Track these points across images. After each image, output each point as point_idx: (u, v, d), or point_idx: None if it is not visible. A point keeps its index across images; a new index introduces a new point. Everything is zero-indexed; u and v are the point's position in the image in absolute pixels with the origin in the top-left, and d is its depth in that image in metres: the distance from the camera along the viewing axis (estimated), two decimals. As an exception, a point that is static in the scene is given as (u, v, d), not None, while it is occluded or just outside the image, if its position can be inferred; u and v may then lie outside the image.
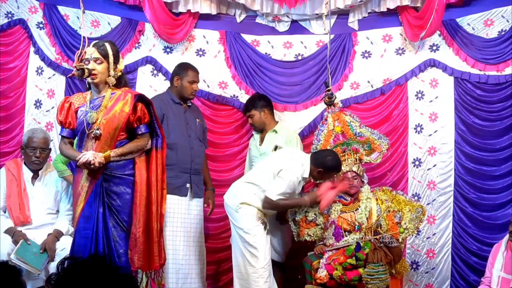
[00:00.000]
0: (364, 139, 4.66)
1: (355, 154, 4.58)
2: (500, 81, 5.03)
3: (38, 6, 5.32)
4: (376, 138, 4.67)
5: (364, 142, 4.64)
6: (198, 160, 4.74)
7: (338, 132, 4.75)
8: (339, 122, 4.75)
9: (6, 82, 5.28)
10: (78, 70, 3.65)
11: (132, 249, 3.64)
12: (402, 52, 5.30)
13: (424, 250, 5.16)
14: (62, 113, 3.76)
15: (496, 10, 5.00)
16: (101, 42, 3.76)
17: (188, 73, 4.74)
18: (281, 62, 5.47)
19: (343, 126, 4.73)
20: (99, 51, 3.67)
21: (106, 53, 3.68)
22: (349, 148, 4.57)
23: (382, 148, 4.65)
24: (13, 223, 4.37)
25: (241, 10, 5.46)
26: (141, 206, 3.66)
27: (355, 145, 4.59)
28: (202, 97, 5.35)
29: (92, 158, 3.53)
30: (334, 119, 4.78)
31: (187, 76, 4.73)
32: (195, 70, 4.82)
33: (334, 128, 4.74)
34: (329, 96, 4.71)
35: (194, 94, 4.80)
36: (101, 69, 3.67)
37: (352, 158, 4.56)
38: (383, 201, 4.46)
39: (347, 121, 4.74)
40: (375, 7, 5.31)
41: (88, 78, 3.66)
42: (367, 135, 4.68)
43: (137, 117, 3.71)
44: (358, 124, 4.74)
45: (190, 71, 4.77)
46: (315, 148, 4.77)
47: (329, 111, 4.81)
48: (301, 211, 4.57)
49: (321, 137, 4.77)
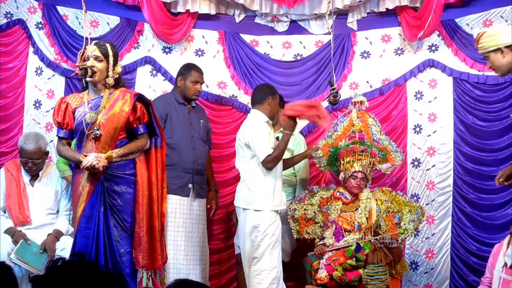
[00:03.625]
0: (382, 147, 4.62)
1: (372, 157, 4.53)
2: (499, 81, 5.02)
3: (37, 6, 5.31)
4: (392, 150, 4.63)
5: (381, 150, 4.61)
6: (201, 161, 4.74)
7: (357, 130, 4.69)
8: (361, 121, 4.71)
9: (4, 82, 5.27)
10: (81, 70, 3.65)
11: (137, 248, 3.65)
12: (401, 52, 5.31)
13: (423, 251, 5.17)
14: (59, 114, 3.75)
15: (495, 11, 5.00)
16: (102, 42, 3.79)
17: (192, 74, 4.75)
18: (280, 62, 5.47)
19: (364, 127, 4.68)
20: (100, 49, 3.69)
21: (107, 53, 3.69)
22: (369, 150, 4.51)
23: (396, 161, 4.62)
24: (13, 223, 4.37)
25: (240, 10, 5.46)
26: (143, 206, 3.68)
27: (375, 149, 4.54)
28: (201, 97, 5.33)
29: (96, 162, 3.53)
30: (358, 116, 4.73)
31: (190, 76, 4.74)
32: (199, 70, 4.83)
33: (355, 125, 4.69)
34: (334, 95, 4.65)
35: (197, 95, 4.81)
36: (101, 67, 3.68)
37: (367, 160, 4.52)
38: (383, 201, 4.46)
39: (369, 123, 4.71)
40: (374, 7, 5.32)
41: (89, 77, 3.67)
42: (385, 143, 4.64)
43: (136, 117, 3.72)
44: (379, 130, 4.71)
45: (193, 71, 4.78)
46: (330, 136, 4.73)
47: (355, 106, 4.77)
48: (300, 209, 4.58)
49: (340, 128, 4.72)
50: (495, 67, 3.60)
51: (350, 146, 4.54)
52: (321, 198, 4.60)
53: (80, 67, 3.65)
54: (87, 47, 3.74)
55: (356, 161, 4.51)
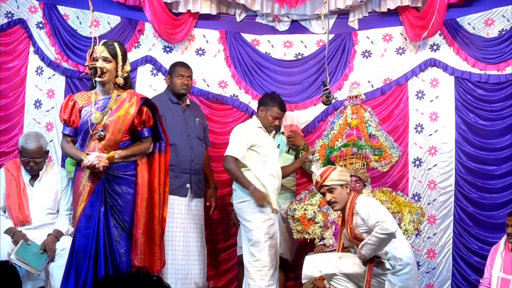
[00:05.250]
0: (377, 144, 4.62)
1: (364, 159, 4.53)
2: (500, 80, 5.03)
3: (38, 6, 5.32)
4: (389, 147, 4.61)
5: (376, 147, 4.60)
6: (198, 160, 4.74)
7: (353, 126, 4.70)
8: (357, 116, 4.71)
9: (5, 82, 5.28)
10: (90, 69, 3.64)
11: (133, 250, 3.63)
12: (403, 51, 5.29)
13: (425, 250, 5.15)
14: (66, 112, 3.75)
15: (497, 10, 5.01)
16: (110, 42, 3.76)
17: (176, 69, 4.80)
18: (281, 61, 5.46)
19: (360, 122, 4.68)
20: (108, 50, 3.68)
21: (115, 53, 3.68)
22: (360, 152, 4.51)
23: (392, 158, 4.61)
24: (12, 223, 4.36)
25: (241, 10, 5.45)
26: (141, 208, 3.65)
27: (367, 150, 4.53)
28: (202, 96, 5.35)
29: (97, 161, 3.52)
30: (353, 112, 4.73)
31: (175, 72, 4.78)
32: (184, 65, 4.85)
33: (350, 121, 4.70)
34: (327, 95, 4.67)
35: (185, 88, 4.79)
36: (110, 68, 3.67)
37: (360, 163, 4.51)
38: (383, 202, 4.44)
39: (365, 117, 4.70)
40: (376, 7, 5.31)
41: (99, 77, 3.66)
42: (381, 140, 4.63)
43: (141, 120, 3.71)
44: (375, 125, 4.69)
45: (177, 67, 4.82)
46: (327, 136, 4.75)
47: (350, 102, 4.78)
48: (300, 208, 4.57)
49: (335, 126, 4.74)
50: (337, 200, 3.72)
51: (341, 150, 4.54)
52: (321, 198, 4.58)
53: (90, 66, 3.64)
54: (95, 47, 3.72)
55: (348, 165, 4.50)
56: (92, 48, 3.73)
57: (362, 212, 3.59)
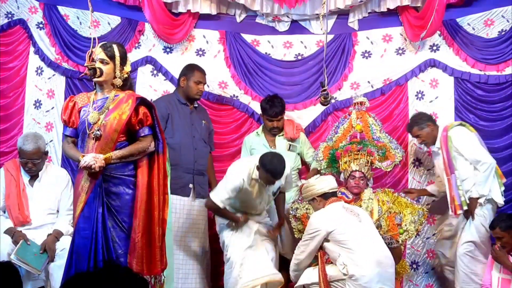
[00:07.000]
0: (381, 144, 4.65)
1: (369, 156, 4.56)
2: (500, 81, 5.04)
3: (38, 6, 5.33)
4: (392, 147, 4.66)
5: (380, 148, 4.63)
6: (202, 161, 4.75)
7: (357, 130, 4.74)
8: (361, 121, 4.75)
9: (5, 82, 5.29)
10: (90, 70, 3.65)
11: (131, 254, 3.61)
12: (402, 52, 5.30)
13: (424, 251, 5.15)
14: (66, 112, 3.76)
15: (496, 10, 5.01)
16: (108, 44, 3.75)
17: (195, 74, 4.79)
18: (281, 61, 5.46)
19: (364, 126, 4.73)
20: (105, 52, 3.67)
21: (113, 55, 3.67)
22: (365, 149, 4.55)
23: (396, 158, 4.65)
24: (12, 223, 4.37)
25: (241, 10, 5.45)
26: (141, 210, 3.63)
27: (371, 148, 4.57)
28: (202, 97, 5.33)
29: (93, 162, 3.52)
30: (358, 117, 4.77)
31: (193, 76, 4.78)
32: (202, 71, 4.86)
33: (355, 125, 4.74)
34: (325, 96, 4.68)
35: (200, 95, 4.84)
36: (106, 70, 3.67)
37: (364, 159, 4.54)
38: (385, 202, 4.46)
39: (369, 122, 4.75)
40: (375, 7, 5.31)
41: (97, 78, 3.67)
42: (385, 141, 4.68)
43: (138, 119, 3.70)
44: (379, 129, 4.74)
45: (196, 71, 4.82)
46: (331, 139, 4.79)
47: (355, 107, 4.82)
48: (302, 207, 4.58)
49: (340, 130, 4.79)
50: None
51: (346, 146, 4.58)
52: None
53: (89, 67, 3.65)
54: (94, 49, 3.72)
55: (353, 160, 4.53)
56: (91, 48, 3.74)
57: None
